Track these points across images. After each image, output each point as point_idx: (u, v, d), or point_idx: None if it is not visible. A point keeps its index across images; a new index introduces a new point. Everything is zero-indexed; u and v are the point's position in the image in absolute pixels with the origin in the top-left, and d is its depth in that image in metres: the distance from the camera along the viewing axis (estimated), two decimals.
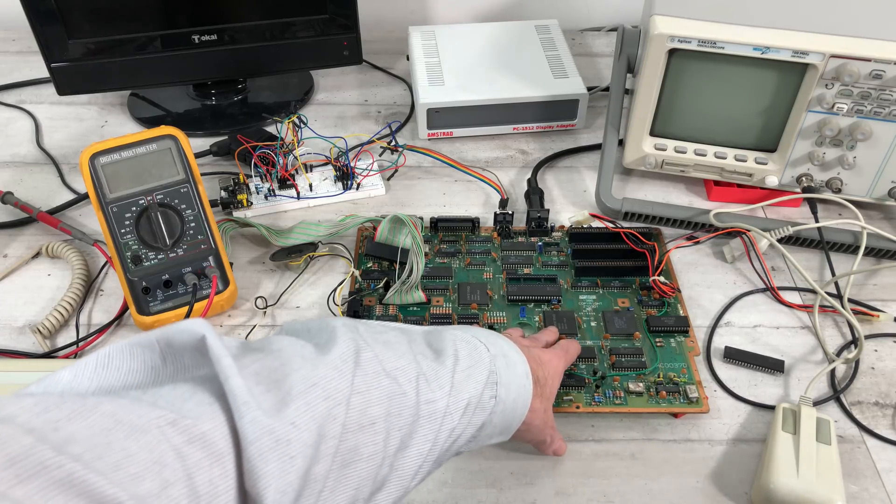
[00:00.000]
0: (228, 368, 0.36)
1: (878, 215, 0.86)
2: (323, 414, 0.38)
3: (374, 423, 0.40)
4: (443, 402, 0.45)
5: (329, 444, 0.38)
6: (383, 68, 1.11)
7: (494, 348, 0.51)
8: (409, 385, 0.43)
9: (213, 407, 0.35)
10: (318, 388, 0.38)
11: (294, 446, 0.35)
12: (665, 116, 0.83)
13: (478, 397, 0.47)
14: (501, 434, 0.52)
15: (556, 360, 0.59)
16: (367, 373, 0.41)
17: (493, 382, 0.49)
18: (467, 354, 0.49)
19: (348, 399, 0.39)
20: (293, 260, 0.77)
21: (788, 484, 0.56)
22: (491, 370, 0.49)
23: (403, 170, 0.92)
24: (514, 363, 0.52)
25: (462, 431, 0.47)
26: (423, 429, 0.43)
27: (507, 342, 0.54)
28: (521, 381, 0.52)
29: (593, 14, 1.25)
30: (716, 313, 0.75)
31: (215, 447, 0.34)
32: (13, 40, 1.16)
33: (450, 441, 0.46)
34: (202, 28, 0.92)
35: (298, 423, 0.36)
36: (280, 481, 0.34)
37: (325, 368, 0.40)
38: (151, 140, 0.69)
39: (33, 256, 0.80)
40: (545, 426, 0.57)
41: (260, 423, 0.35)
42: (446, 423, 0.45)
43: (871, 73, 0.72)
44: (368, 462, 0.40)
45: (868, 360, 0.71)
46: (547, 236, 0.81)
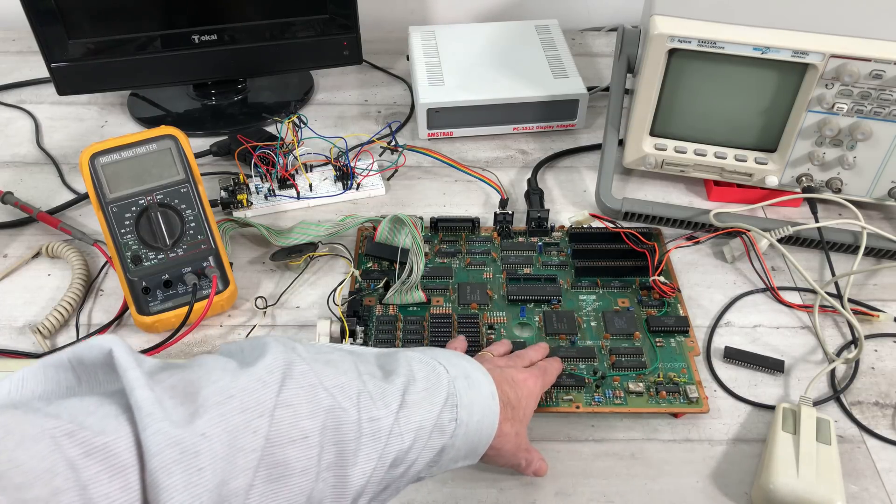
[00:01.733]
0: (135, 380, 0.35)
1: (878, 215, 0.86)
2: (239, 426, 0.36)
3: (307, 436, 0.39)
4: (388, 421, 0.43)
5: (249, 458, 0.36)
6: (383, 68, 1.11)
7: (455, 370, 0.50)
8: (348, 402, 0.42)
9: (118, 420, 0.34)
10: (236, 399, 0.37)
11: (203, 458, 0.34)
12: (665, 116, 0.83)
13: (434, 420, 0.46)
14: (467, 458, 0.51)
15: (532, 380, 0.58)
16: (300, 385, 0.40)
17: (452, 405, 0.47)
18: (424, 376, 0.48)
19: (272, 412, 0.38)
20: (293, 260, 0.77)
21: (788, 484, 0.56)
22: (450, 392, 0.48)
23: (403, 170, 0.92)
24: (477, 384, 0.50)
25: (418, 456, 0.45)
26: (365, 447, 0.42)
27: (472, 363, 0.52)
28: (485, 402, 0.50)
29: (593, 14, 1.25)
30: (716, 313, 0.75)
31: (116, 459, 0.32)
32: (13, 40, 1.16)
33: (404, 466, 0.45)
34: (202, 28, 0.92)
35: (209, 434, 0.35)
36: (185, 494, 0.33)
37: (246, 380, 0.38)
38: (151, 140, 0.69)
39: (33, 256, 0.80)
40: (517, 450, 0.55)
41: (164, 434, 0.33)
42: (393, 444, 0.43)
43: (871, 73, 0.72)
44: (301, 477, 0.38)
45: (868, 360, 0.71)
46: (547, 236, 0.81)
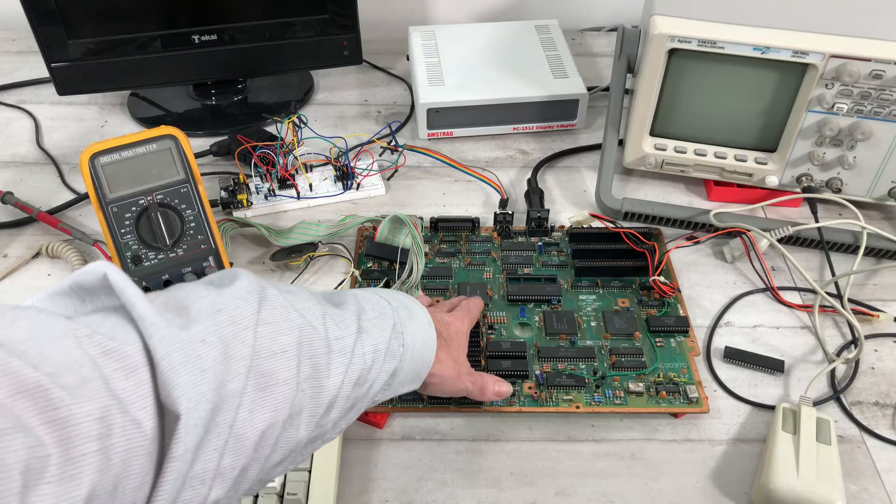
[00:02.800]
0: (133, 296, 0.37)
1: (878, 215, 0.86)
2: (230, 336, 0.39)
3: (286, 350, 0.42)
4: (350, 340, 0.47)
5: (240, 364, 0.39)
6: (383, 68, 1.11)
7: (395, 301, 0.54)
8: (317, 321, 0.45)
9: (125, 328, 0.36)
10: (224, 313, 0.40)
11: (204, 361, 0.37)
12: (665, 116, 0.83)
13: (385, 344, 0.49)
14: (413, 381, 0.54)
15: (458, 321, 0.62)
16: (275, 307, 0.43)
17: (399, 332, 0.51)
18: (371, 307, 0.52)
19: (255, 327, 0.41)
20: (293, 260, 0.77)
21: (788, 484, 0.56)
22: (395, 320, 0.52)
23: (403, 170, 0.92)
24: (415, 314, 0.55)
25: (376, 377, 0.49)
26: (335, 362, 0.45)
27: (408, 297, 0.57)
28: (424, 329, 0.54)
29: (593, 14, 1.25)
30: (716, 313, 0.75)
31: (129, 360, 0.35)
32: (13, 40, 1.16)
33: (366, 385, 0.48)
34: (202, 28, 0.92)
35: (207, 340, 0.38)
36: (193, 391, 0.36)
37: (229, 297, 0.41)
38: (151, 140, 0.69)
39: (33, 256, 0.80)
40: (459, 374, 0.59)
41: (170, 340, 0.36)
42: (357, 362, 0.47)
43: (871, 73, 0.72)
44: (285, 386, 0.41)
45: (868, 360, 0.71)
46: (547, 236, 0.81)
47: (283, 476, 0.58)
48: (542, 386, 0.66)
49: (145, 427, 0.34)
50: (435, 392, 0.59)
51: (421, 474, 0.61)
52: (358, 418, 0.64)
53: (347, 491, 0.60)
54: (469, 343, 0.68)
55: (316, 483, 0.58)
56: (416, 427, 0.64)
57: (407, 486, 0.60)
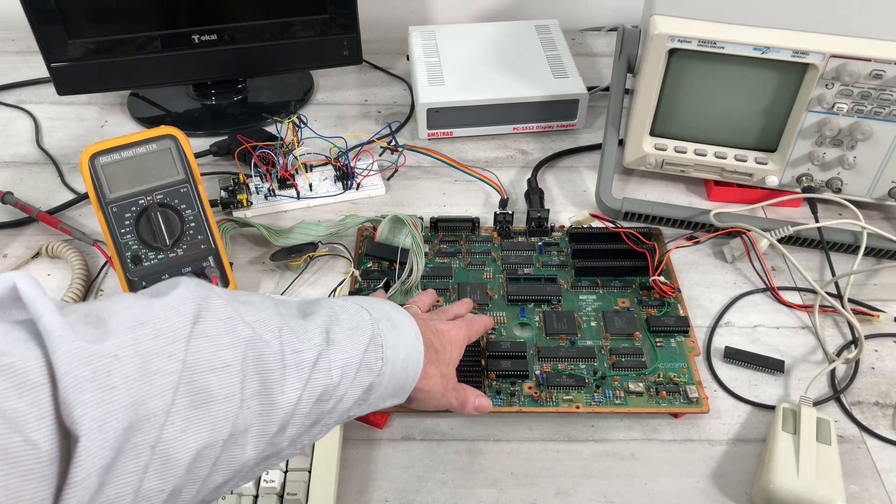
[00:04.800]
0: (42, 307, 0.35)
1: (878, 215, 0.86)
2: (152, 350, 0.36)
3: (229, 365, 0.39)
4: (311, 353, 0.44)
5: (166, 381, 0.36)
6: (383, 68, 1.11)
7: (378, 312, 0.51)
8: (270, 335, 0.43)
9: (27, 343, 0.34)
10: (148, 325, 0.37)
11: (115, 377, 0.34)
12: (665, 116, 0.83)
13: (359, 357, 0.47)
14: (395, 396, 0.52)
15: (455, 330, 0.59)
16: (218, 318, 0.40)
17: (378, 345, 0.49)
18: (347, 318, 0.49)
19: (187, 339, 0.38)
20: (293, 260, 0.77)
21: (788, 484, 0.56)
22: (375, 332, 0.49)
23: (403, 170, 0.92)
24: (400, 325, 0.52)
25: (346, 392, 0.46)
26: (290, 377, 0.42)
27: (394, 307, 0.54)
28: (409, 342, 0.52)
29: (593, 14, 1.25)
30: (716, 313, 0.75)
31: (24, 377, 0.32)
32: (13, 40, 1.16)
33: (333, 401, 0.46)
34: (202, 28, 0.92)
35: (121, 355, 0.35)
36: (97, 410, 0.33)
37: (159, 309, 0.39)
38: (151, 140, 0.69)
39: (33, 256, 0.80)
40: (446, 391, 0.57)
41: (75, 355, 0.33)
42: (320, 377, 0.44)
43: (871, 73, 0.72)
44: (225, 403, 0.39)
45: (868, 360, 0.71)
46: (547, 236, 0.81)
47: (284, 476, 0.58)
48: (542, 386, 0.66)
49: (42, 448, 0.31)
50: (420, 407, 0.58)
51: (421, 474, 0.61)
52: (358, 419, 0.64)
53: (347, 491, 0.60)
54: (469, 343, 0.68)
55: (316, 483, 0.58)
56: (416, 427, 0.64)
57: (407, 486, 0.60)
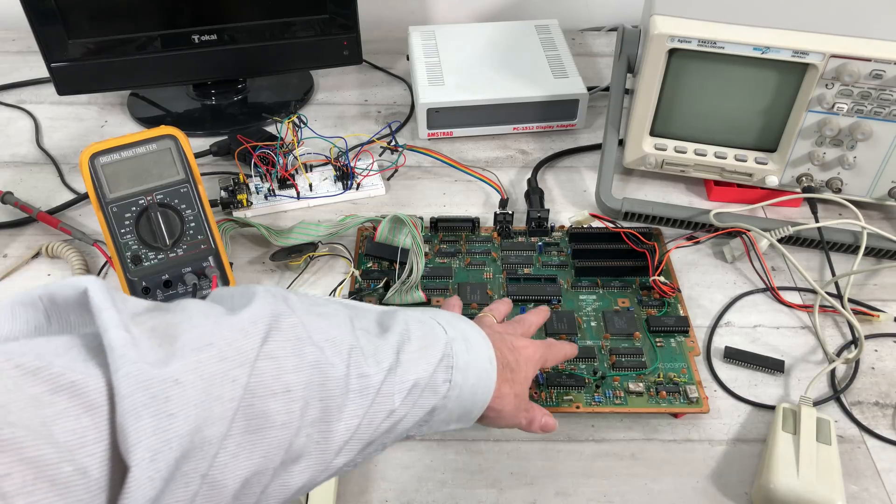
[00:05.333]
0: (109, 321, 0.33)
1: (878, 215, 0.86)
2: (216, 374, 0.35)
3: (290, 390, 0.38)
4: (377, 378, 0.42)
5: (226, 407, 0.35)
6: (383, 68, 1.11)
7: (453, 331, 0.49)
8: (338, 357, 0.41)
9: (88, 362, 0.32)
10: (214, 347, 0.35)
11: (174, 404, 0.33)
12: (665, 116, 0.83)
13: (427, 379, 0.45)
14: (460, 421, 0.50)
15: (532, 348, 0.57)
16: (288, 338, 0.39)
17: (447, 366, 0.47)
18: (421, 336, 0.47)
19: (253, 362, 0.37)
20: (293, 260, 0.77)
21: (788, 484, 0.56)
22: (446, 353, 0.47)
23: (403, 170, 0.92)
24: (475, 347, 0.50)
25: (406, 413, 0.44)
26: (352, 403, 0.41)
27: (471, 326, 0.52)
28: (482, 365, 0.49)
29: (593, 14, 1.25)
30: (716, 313, 0.75)
31: (86, 398, 0.31)
32: (13, 40, 1.16)
33: (389, 422, 0.44)
34: (202, 28, 0.92)
35: (183, 380, 0.33)
36: (153, 439, 0.32)
37: (227, 330, 0.37)
38: (151, 140, 0.69)
39: (33, 256, 0.80)
40: (517, 411, 0.54)
41: (136, 377, 0.32)
42: (382, 402, 0.43)
43: (871, 73, 0.72)
44: (282, 430, 0.37)
45: (868, 360, 0.71)
46: (547, 236, 0.81)
47: None
48: (542, 386, 0.66)
49: (92, 477, 0.30)
50: (488, 426, 0.55)
51: (421, 474, 0.61)
52: None
53: (347, 491, 0.60)
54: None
55: None
56: None
57: (407, 486, 0.60)
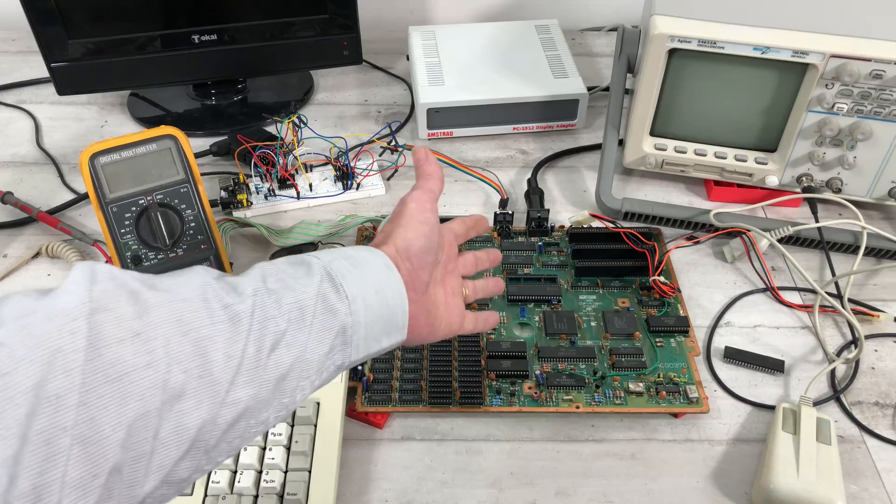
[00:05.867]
0: None
1: (878, 215, 0.86)
2: (49, 331, 0.35)
3: (139, 333, 0.37)
4: (245, 305, 0.41)
5: (70, 359, 0.35)
6: (383, 68, 1.11)
7: (328, 255, 0.48)
8: (191, 293, 0.40)
9: None
10: (39, 312, 0.36)
11: (4, 364, 0.33)
12: (665, 116, 0.83)
13: (313, 299, 0.44)
14: (391, 334, 0.49)
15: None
16: (119, 289, 0.38)
17: (335, 284, 0.45)
18: (286, 268, 0.46)
19: (89, 315, 0.36)
20: None
21: (788, 484, 0.56)
22: (326, 273, 0.46)
23: (403, 170, 0.92)
24: (364, 261, 0.48)
25: (307, 339, 0.43)
26: (224, 332, 0.40)
27: (356, 248, 0.50)
28: (379, 273, 0.48)
29: (593, 14, 1.25)
30: (716, 313, 0.75)
31: None
32: (13, 40, 1.16)
33: (287, 348, 0.42)
34: (202, 28, 0.92)
35: (8, 342, 0.34)
36: None
37: (51, 297, 0.37)
38: (151, 140, 0.69)
39: (33, 256, 0.80)
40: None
41: None
42: (266, 327, 0.41)
43: (871, 73, 0.72)
44: (146, 371, 0.37)
45: (868, 360, 0.71)
46: (547, 236, 0.81)
47: (284, 476, 0.58)
48: (542, 386, 0.66)
49: None
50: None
51: (421, 474, 0.61)
52: (358, 418, 0.64)
53: (347, 491, 0.60)
54: (469, 343, 0.68)
55: (316, 483, 0.58)
56: (416, 427, 0.64)
57: (407, 486, 0.60)
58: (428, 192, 0.55)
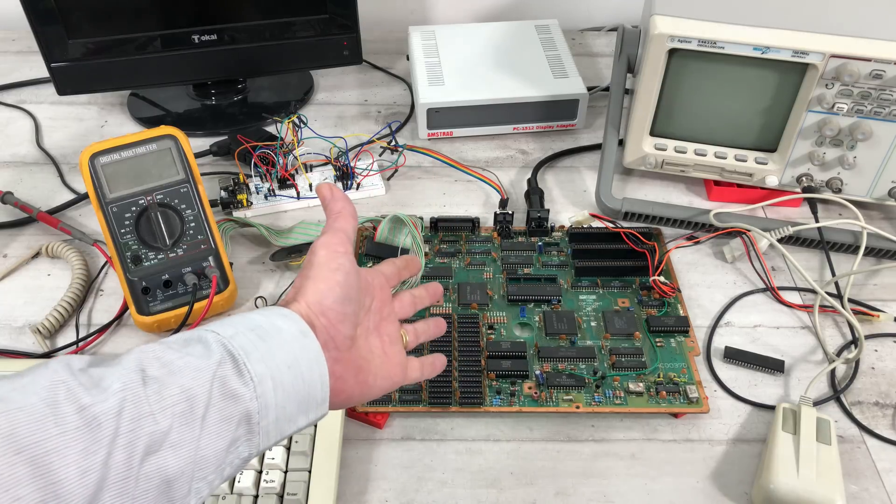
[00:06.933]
0: None
1: (878, 215, 0.86)
2: None
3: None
4: (109, 404, 0.35)
5: None
6: (383, 68, 1.11)
7: (230, 329, 0.42)
8: (34, 397, 0.34)
9: None
10: None
11: None
12: (665, 116, 0.83)
13: (205, 387, 0.38)
14: (309, 411, 0.43)
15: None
16: None
17: (239, 363, 0.39)
18: (174, 350, 0.39)
19: None
20: (293, 260, 0.77)
21: (788, 484, 0.56)
22: (227, 351, 0.40)
23: (403, 170, 0.92)
24: (275, 330, 0.42)
25: (199, 433, 0.37)
26: (76, 442, 0.33)
27: (265, 312, 0.44)
28: (292, 344, 0.42)
29: (593, 14, 1.25)
30: (716, 313, 0.75)
31: None
32: (13, 40, 1.16)
33: (180, 451, 0.36)
34: (202, 28, 0.92)
35: None
36: None
37: None
38: (151, 140, 0.69)
39: (33, 256, 0.80)
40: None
41: None
42: (137, 429, 0.35)
43: (871, 73, 0.72)
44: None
45: (868, 360, 0.71)
46: (547, 236, 0.81)
47: (284, 476, 0.58)
48: (542, 386, 0.66)
49: None
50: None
51: (421, 474, 0.61)
52: (358, 418, 0.64)
53: (347, 491, 0.60)
54: (469, 343, 0.68)
55: (316, 483, 0.58)
56: (416, 427, 0.64)
57: (407, 486, 0.60)
58: (338, 233, 0.50)
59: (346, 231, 0.50)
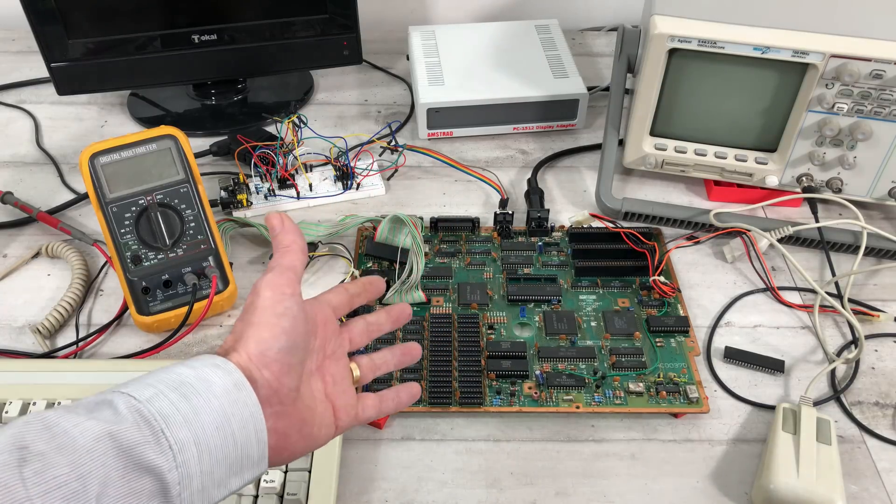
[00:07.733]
0: None
1: (878, 215, 0.86)
2: None
3: None
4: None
5: None
6: (383, 68, 1.11)
7: (148, 390, 0.38)
8: None
9: None
10: None
11: None
12: (665, 116, 0.83)
13: (102, 468, 0.34)
14: (244, 470, 0.40)
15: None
16: None
17: (156, 430, 0.36)
18: (69, 419, 0.35)
19: None
20: None
21: (788, 484, 0.56)
22: (143, 417, 0.36)
23: (403, 170, 0.92)
24: (204, 384, 0.39)
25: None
26: None
27: (192, 364, 0.40)
28: (221, 401, 0.38)
29: (593, 14, 1.25)
30: (716, 313, 0.75)
31: None
32: (13, 40, 1.16)
33: None
34: (202, 28, 0.92)
35: None
36: None
37: None
38: (151, 140, 0.69)
39: (33, 256, 0.80)
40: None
41: None
42: None
43: (872, 73, 0.72)
44: None
45: (868, 360, 0.71)
46: (547, 236, 0.81)
47: (283, 476, 0.58)
48: (542, 386, 0.66)
49: None
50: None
51: (421, 474, 0.61)
52: None
53: (347, 491, 0.60)
54: (468, 343, 0.68)
55: (316, 483, 0.58)
56: (416, 427, 0.64)
57: (407, 486, 0.60)
58: (286, 272, 0.45)
59: (296, 269, 0.45)
